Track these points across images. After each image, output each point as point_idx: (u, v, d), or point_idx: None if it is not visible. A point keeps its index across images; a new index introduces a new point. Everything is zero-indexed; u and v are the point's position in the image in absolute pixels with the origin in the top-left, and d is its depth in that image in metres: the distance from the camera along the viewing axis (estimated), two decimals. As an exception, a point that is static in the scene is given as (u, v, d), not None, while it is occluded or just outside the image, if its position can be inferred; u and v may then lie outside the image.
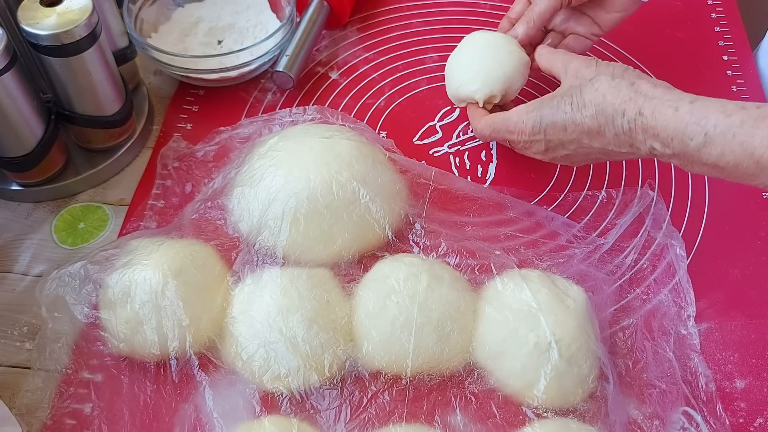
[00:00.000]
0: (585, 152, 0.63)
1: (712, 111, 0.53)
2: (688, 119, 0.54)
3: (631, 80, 0.58)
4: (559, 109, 0.62)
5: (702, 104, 0.54)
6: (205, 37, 0.83)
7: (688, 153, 0.54)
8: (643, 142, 0.57)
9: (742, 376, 0.63)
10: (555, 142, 0.63)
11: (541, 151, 0.65)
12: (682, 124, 0.54)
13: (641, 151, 0.58)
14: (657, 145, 0.56)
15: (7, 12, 0.67)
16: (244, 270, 0.64)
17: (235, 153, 0.74)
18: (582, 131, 0.60)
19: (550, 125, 0.62)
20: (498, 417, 0.59)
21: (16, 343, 0.65)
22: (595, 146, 0.61)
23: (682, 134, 0.54)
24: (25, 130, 0.68)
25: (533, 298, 0.60)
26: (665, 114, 0.55)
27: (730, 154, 0.52)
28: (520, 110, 0.65)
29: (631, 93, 0.57)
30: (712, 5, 0.92)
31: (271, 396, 0.59)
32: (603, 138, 0.60)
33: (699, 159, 0.54)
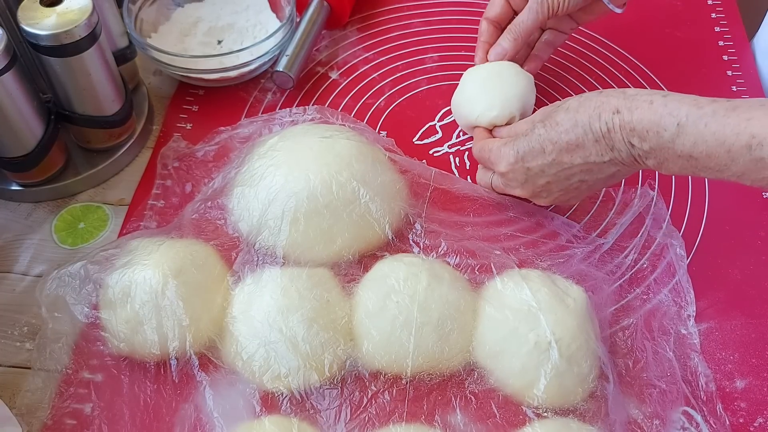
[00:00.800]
0: (566, 175, 0.62)
1: (684, 103, 0.54)
2: (662, 111, 0.55)
3: (598, 92, 0.60)
4: (533, 135, 0.62)
5: (675, 98, 0.55)
6: (204, 37, 0.83)
7: (663, 145, 0.55)
8: (622, 140, 0.57)
9: (742, 376, 0.63)
10: (535, 169, 0.63)
11: (521, 181, 0.65)
12: (656, 116, 0.55)
13: (622, 152, 0.58)
14: (635, 141, 0.57)
15: (7, 12, 0.67)
16: (244, 270, 0.64)
17: (235, 153, 0.74)
18: (561, 148, 0.61)
19: (528, 152, 0.63)
20: (498, 417, 0.59)
21: (16, 343, 0.65)
22: (577, 162, 0.61)
23: (657, 125, 0.55)
24: (25, 130, 0.68)
25: (533, 297, 0.60)
26: (640, 108, 0.56)
27: (702, 143, 0.53)
28: (500, 143, 0.66)
29: (602, 98, 0.58)
30: (712, 5, 0.92)
31: (271, 396, 0.59)
32: (583, 149, 0.60)
33: (674, 151, 0.55)
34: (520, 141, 0.64)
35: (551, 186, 0.64)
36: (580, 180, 0.63)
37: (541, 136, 0.62)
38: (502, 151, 0.65)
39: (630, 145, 0.57)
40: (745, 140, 0.51)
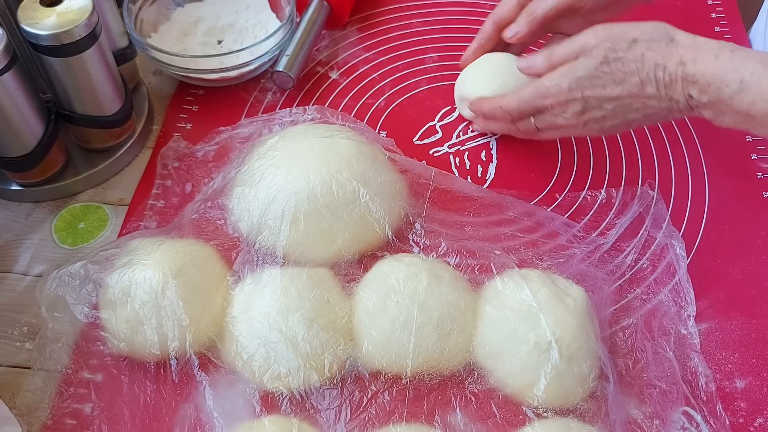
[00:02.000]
0: (623, 111, 0.62)
1: (751, 60, 0.55)
2: (727, 66, 0.55)
3: (669, 38, 0.59)
4: (594, 65, 0.61)
5: (742, 54, 0.56)
6: (204, 37, 0.83)
7: (722, 100, 0.56)
8: (682, 92, 0.58)
9: (742, 376, 0.63)
10: (592, 101, 0.63)
11: (577, 112, 0.64)
12: (720, 71, 0.55)
13: (680, 102, 0.59)
14: (694, 93, 0.57)
15: (7, 12, 0.67)
16: (244, 270, 0.64)
17: (235, 153, 0.74)
18: (623, 89, 0.60)
19: (587, 80, 0.62)
20: (498, 417, 0.59)
21: (16, 343, 0.65)
22: (636, 106, 0.61)
23: (720, 81, 0.55)
24: (25, 130, 0.68)
25: (533, 297, 0.60)
26: (705, 61, 0.56)
27: (761, 102, 0.54)
28: (552, 74, 0.65)
29: (671, 48, 0.58)
30: (712, 5, 0.92)
31: (271, 396, 0.59)
32: (644, 96, 0.60)
33: (731, 106, 0.56)
34: (577, 68, 0.62)
35: (605, 120, 0.64)
36: (635, 118, 0.63)
37: (604, 72, 0.61)
38: (558, 80, 0.63)
39: (689, 96, 0.58)
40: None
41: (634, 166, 0.77)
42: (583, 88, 0.62)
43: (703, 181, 0.75)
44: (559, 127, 0.67)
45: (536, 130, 0.69)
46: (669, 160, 0.77)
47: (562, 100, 0.64)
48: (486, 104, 0.73)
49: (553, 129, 0.68)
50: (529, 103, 0.67)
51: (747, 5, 0.94)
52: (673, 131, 0.79)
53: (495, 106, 0.72)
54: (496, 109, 0.71)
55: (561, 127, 0.67)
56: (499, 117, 0.72)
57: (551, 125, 0.68)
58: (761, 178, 0.76)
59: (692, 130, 0.80)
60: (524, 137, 0.74)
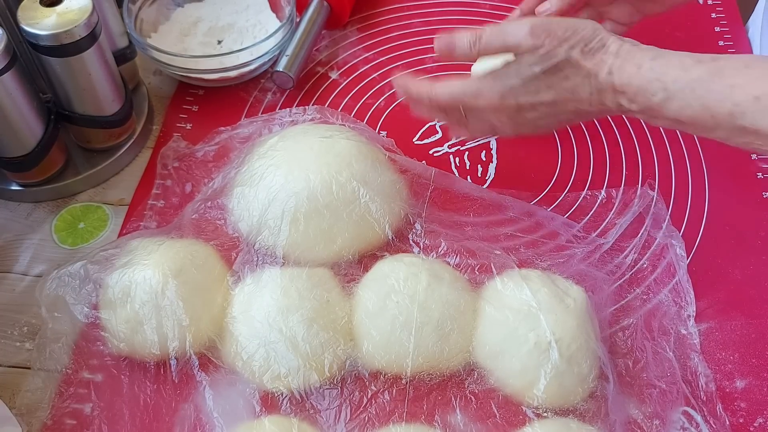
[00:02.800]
0: (555, 112, 0.62)
1: (672, 67, 0.55)
2: (650, 76, 0.56)
3: (602, 43, 0.59)
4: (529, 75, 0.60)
5: (663, 60, 0.56)
6: (204, 37, 0.83)
7: (652, 108, 0.56)
8: (612, 100, 0.58)
9: (742, 376, 0.63)
10: (526, 106, 0.62)
11: (509, 116, 0.63)
12: (644, 81, 0.56)
13: (611, 109, 0.59)
14: (624, 102, 0.58)
15: (7, 12, 0.67)
16: (244, 270, 0.64)
17: (235, 153, 0.74)
18: (557, 94, 0.60)
19: (522, 89, 0.61)
20: (498, 417, 0.59)
21: (16, 343, 0.65)
22: (569, 108, 0.61)
23: (645, 90, 0.56)
24: (25, 130, 0.68)
25: (533, 297, 0.60)
26: (629, 71, 0.56)
27: (688, 108, 0.54)
28: (485, 79, 0.63)
29: (602, 55, 0.58)
30: (712, 5, 0.92)
31: (271, 396, 0.59)
32: (578, 101, 0.60)
33: (662, 113, 0.56)
34: (510, 76, 0.61)
35: (537, 120, 0.63)
36: (567, 118, 0.63)
37: (538, 79, 0.60)
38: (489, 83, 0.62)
39: (618, 104, 0.58)
40: (728, 108, 0.52)
41: (634, 166, 0.77)
42: (517, 95, 0.62)
43: (703, 181, 0.75)
44: (491, 126, 0.66)
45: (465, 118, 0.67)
46: (669, 160, 0.77)
47: (495, 105, 0.63)
48: (413, 87, 0.68)
49: (484, 124, 0.67)
50: (458, 100, 0.65)
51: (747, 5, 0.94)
52: (673, 131, 0.79)
53: (422, 93, 0.67)
54: (422, 96, 0.67)
55: (493, 126, 0.66)
56: (425, 104, 0.69)
57: (482, 123, 0.66)
58: (761, 178, 0.75)
59: (692, 130, 0.80)
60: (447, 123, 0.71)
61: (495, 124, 0.65)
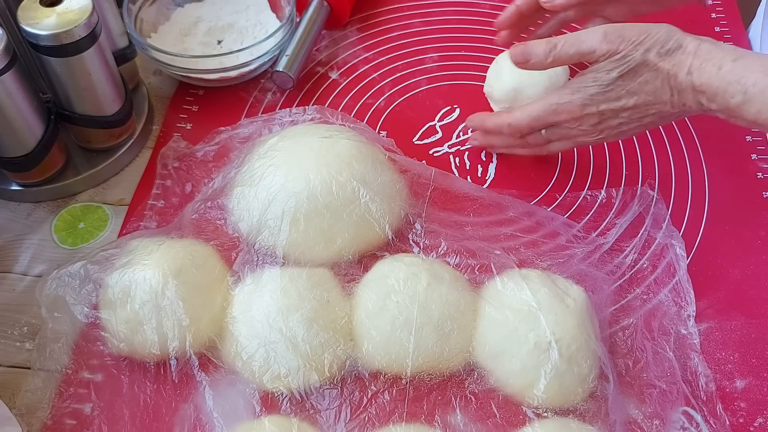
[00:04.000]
0: (639, 116, 0.63)
1: (753, 70, 0.55)
2: (730, 78, 0.56)
3: (678, 44, 0.59)
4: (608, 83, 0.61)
5: (744, 63, 0.56)
6: (204, 37, 0.83)
7: (730, 109, 0.57)
8: (693, 99, 0.59)
9: (742, 376, 0.63)
10: (608, 113, 0.63)
11: (593, 124, 0.64)
12: (724, 83, 0.56)
13: (692, 108, 0.60)
14: (704, 101, 0.59)
15: (7, 12, 0.67)
16: (244, 270, 0.64)
17: (235, 153, 0.74)
18: (638, 99, 0.61)
19: (600, 95, 0.62)
20: (498, 417, 0.59)
21: (16, 343, 0.65)
22: (651, 112, 0.62)
23: (724, 92, 0.56)
24: (25, 130, 0.68)
25: (533, 297, 0.60)
26: (709, 72, 0.57)
27: (766, 112, 0.55)
28: (562, 92, 0.64)
29: (679, 56, 0.59)
30: (712, 5, 0.92)
31: (271, 396, 0.59)
32: (660, 103, 0.61)
33: (740, 115, 0.57)
34: (588, 84, 0.62)
35: (621, 126, 0.64)
36: (651, 121, 0.63)
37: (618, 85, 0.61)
38: (570, 98, 0.63)
39: (699, 103, 0.59)
40: None
41: (634, 166, 0.77)
42: (599, 102, 0.62)
43: (703, 181, 0.75)
44: (573, 137, 0.67)
45: (547, 142, 0.68)
46: (669, 160, 0.77)
47: (576, 116, 0.64)
48: (490, 120, 0.71)
49: (566, 140, 0.68)
50: (540, 120, 0.66)
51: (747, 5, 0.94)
52: (673, 131, 0.79)
53: (502, 123, 0.69)
54: (503, 127, 0.69)
55: (575, 137, 0.66)
56: (505, 133, 0.70)
57: (564, 136, 0.67)
58: (761, 178, 0.76)
59: (692, 130, 0.80)
60: (529, 152, 0.72)
61: (577, 135, 0.66)
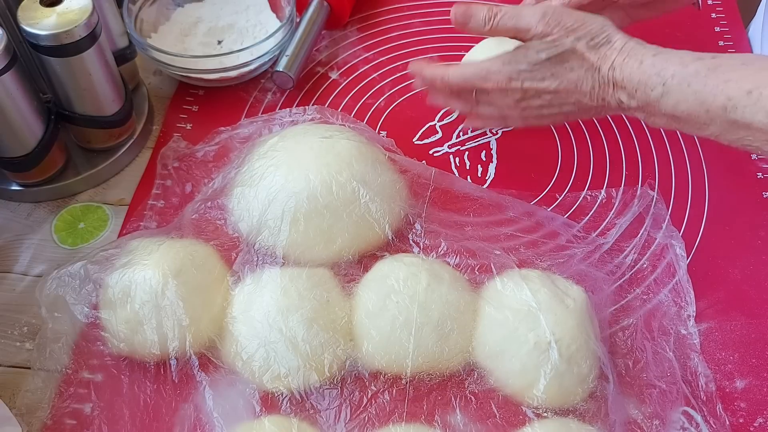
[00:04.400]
0: (559, 103, 0.64)
1: (672, 63, 0.57)
2: (650, 71, 0.57)
3: (608, 39, 0.60)
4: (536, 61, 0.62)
5: (663, 57, 0.58)
6: (204, 37, 0.83)
7: (650, 103, 0.58)
8: (613, 95, 0.60)
9: (742, 376, 0.63)
10: (531, 92, 0.64)
11: (516, 99, 0.65)
12: (645, 76, 0.58)
13: (611, 105, 0.61)
14: (624, 98, 0.60)
15: (7, 12, 0.67)
16: (244, 270, 0.64)
17: (235, 153, 0.74)
18: (560, 83, 0.62)
19: (529, 75, 0.63)
20: (498, 417, 0.59)
21: (16, 343, 0.65)
22: (571, 100, 0.63)
23: (645, 85, 0.58)
24: (25, 130, 0.68)
25: (533, 297, 0.60)
26: (631, 67, 0.58)
27: (684, 103, 0.56)
28: (495, 61, 0.65)
29: (606, 50, 0.60)
30: (712, 5, 0.92)
31: (271, 396, 0.59)
32: (579, 93, 0.62)
33: (659, 109, 0.58)
34: (519, 60, 0.63)
35: (542, 109, 0.65)
36: (570, 111, 0.65)
37: (545, 66, 0.62)
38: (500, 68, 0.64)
39: (619, 100, 0.60)
40: (721, 102, 0.54)
41: (634, 166, 0.77)
42: (524, 79, 0.64)
43: (703, 181, 0.75)
44: (498, 107, 0.68)
45: (477, 103, 0.70)
46: (669, 160, 0.77)
47: (502, 87, 0.65)
48: (428, 70, 0.71)
49: (492, 106, 0.69)
50: (469, 82, 0.67)
51: (746, 5, 0.94)
52: (673, 131, 0.79)
53: (435, 76, 0.70)
54: (436, 79, 0.70)
55: (500, 108, 0.68)
56: (438, 87, 0.71)
57: (491, 103, 0.68)
58: (761, 178, 0.76)
59: (692, 130, 0.80)
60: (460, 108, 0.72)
61: (503, 109, 0.67)
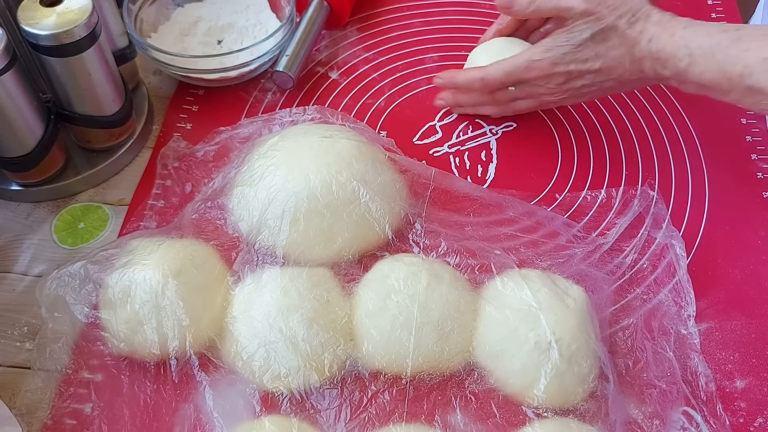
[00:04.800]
0: (601, 79, 0.68)
1: (698, 35, 0.61)
2: (680, 42, 0.61)
3: (647, 14, 0.64)
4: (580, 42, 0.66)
5: (692, 29, 0.61)
6: (204, 37, 0.83)
7: (680, 73, 0.62)
8: (650, 66, 0.64)
9: (742, 376, 0.63)
10: (575, 73, 0.68)
11: (560, 83, 0.69)
12: (674, 47, 0.62)
13: (649, 76, 0.65)
14: (659, 68, 0.64)
15: (7, 12, 0.67)
16: (244, 270, 0.64)
17: (235, 153, 0.74)
18: (603, 62, 0.66)
19: (573, 57, 0.66)
20: (498, 417, 0.59)
21: (16, 343, 0.65)
22: (613, 76, 0.67)
23: (674, 56, 0.62)
24: (25, 130, 0.68)
25: (533, 297, 0.60)
26: (664, 39, 0.62)
27: (708, 72, 0.60)
28: (536, 49, 0.69)
29: (645, 24, 0.64)
30: (712, 5, 0.92)
31: (271, 396, 0.59)
32: (621, 67, 0.66)
33: (688, 77, 0.62)
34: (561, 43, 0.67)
35: (583, 88, 0.69)
36: (611, 86, 0.69)
37: (588, 47, 0.65)
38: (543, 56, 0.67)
39: (655, 70, 0.64)
40: (739, 70, 0.58)
41: (634, 166, 0.77)
42: (568, 62, 0.67)
43: (703, 181, 0.75)
44: (539, 95, 0.71)
45: (514, 99, 0.73)
46: (669, 160, 0.77)
47: (547, 74, 0.68)
48: (462, 76, 0.75)
49: (532, 98, 0.73)
50: (512, 75, 0.70)
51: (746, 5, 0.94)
52: (673, 131, 0.80)
53: (474, 78, 0.73)
54: (475, 81, 0.73)
55: (541, 95, 0.71)
56: (476, 89, 0.75)
57: (531, 94, 0.72)
58: (761, 178, 0.76)
59: (692, 130, 0.80)
60: (494, 111, 0.77)
61: (542, 94, 0.70)
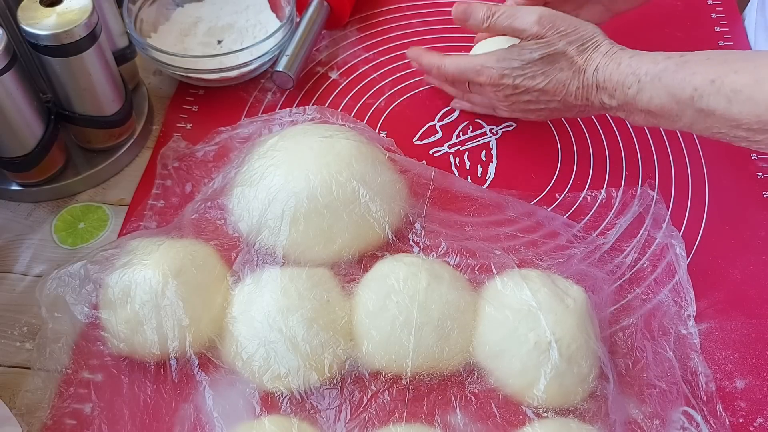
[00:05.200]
0: (546, 100, 0.69)
1: (645, 62, 0.62)
2: (627, 71, 0.62)
3: (596, 44, 0.65)
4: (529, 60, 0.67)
5: (638, 58, 0.63)
6: (204, 37, 0.83)
7: (628, 101, 0.63)
8: (596, 96, 0.65)
9: (742, 375, 0.63)
10: (521, 88, 0.69)
11: (507, 94, 0.70)
12: (622, 76, 0.63)
13: (594, 104, 0.66)
14: (606, 98, 0.65)
15: (7, 12, 0.67)
16: (244, 270, 0.64)
17: (235, 153, 0.74)
18: (549, 82, 0.67)
19: (521, 72, 0.68)
20: (498, 417, 0.59)
21: (16, 343, 0.65)
22: (557, 98, 0.68)
23: (622, 84, 0.63)
24: (25, 130, 0.68)
25: (533, 297, 0.60)
26: (611, 69, 0.63)
27: (657, 98, 0.61)
28: (489, 57, 0.70)
29: (593, 53, 0.65)
30: (712, 5, 0.92)
31: (271, 396, 0.59)
32: (565, 92, 0.67)
33: (636, 106, 0.63)
34: (513, 58, 0.68)
35: (529, 104, 0.70)
36: (556, 107, 0.70)
37: (537, 65, 0.67)
38: (494, 65, 0.69)
39: (601, 100, 0.65)
40: (689, 92, 0.58)
41: (634, 166, 0.77)
42: (516, 77, 0.68)
43: (703, 181, 0.75)
44: (489, 98, 0.74)
45: (469, 91, 0.76)
46: (669, 160, 0.77)
47: (495, 82, 0.70)
48: (425, 58, 0.78)
49: (484, 99, 0.75)
50: (464, 74, 0.73)
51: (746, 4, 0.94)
52: (673, 131, 0.79)
53: (432, 65, 0.76)
54: (432, 67, 0.76)
55: (491, 99, 0.73)
56: (433, 74, 0.78)
57: (482, 93, 0.74)
58: (761, 178, 0.76)
59: (692, 130, 0.80)
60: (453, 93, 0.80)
61: (491, 98, 0.73)
